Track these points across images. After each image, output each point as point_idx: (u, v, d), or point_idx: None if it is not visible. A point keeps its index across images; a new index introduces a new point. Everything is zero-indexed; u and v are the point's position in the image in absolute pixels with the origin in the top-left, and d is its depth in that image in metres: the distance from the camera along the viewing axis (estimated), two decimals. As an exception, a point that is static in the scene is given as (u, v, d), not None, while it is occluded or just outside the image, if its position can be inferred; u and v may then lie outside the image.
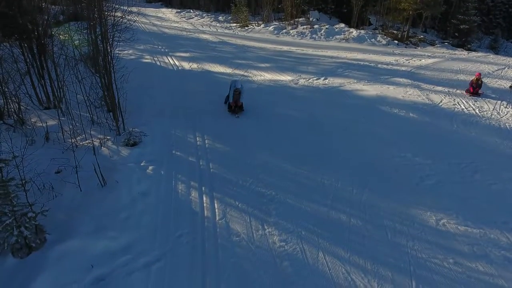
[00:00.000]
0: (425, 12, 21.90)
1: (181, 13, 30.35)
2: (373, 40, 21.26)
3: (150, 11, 32.69)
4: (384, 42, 21.09)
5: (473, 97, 10.18)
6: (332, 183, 6.35)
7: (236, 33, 23.03)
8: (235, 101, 8.64)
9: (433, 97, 10.06)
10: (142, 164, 6.58)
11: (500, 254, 4.88)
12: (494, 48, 27.28)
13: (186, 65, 13.63)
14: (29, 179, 4.73)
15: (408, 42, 21.71)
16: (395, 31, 23.04)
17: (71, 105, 8.38)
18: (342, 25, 23.71)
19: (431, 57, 16.83)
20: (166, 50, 16.17)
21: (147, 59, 14.34)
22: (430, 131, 8.20)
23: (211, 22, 27.17)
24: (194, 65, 13.61)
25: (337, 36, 21.91)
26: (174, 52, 15.78)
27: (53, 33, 10.34)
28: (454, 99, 9.95)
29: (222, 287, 4.38)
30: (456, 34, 23.02)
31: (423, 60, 15.69)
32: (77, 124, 7.64)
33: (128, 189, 5.81)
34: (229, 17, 27.55)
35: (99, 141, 7.02)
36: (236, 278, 4.50)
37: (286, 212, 5.62)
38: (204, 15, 29.29)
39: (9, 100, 7.87)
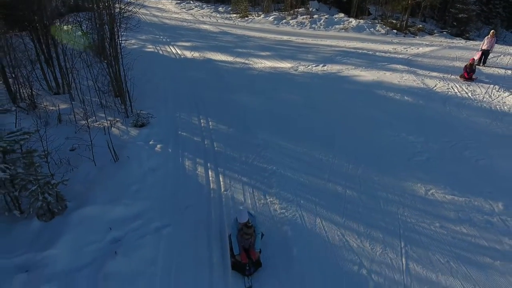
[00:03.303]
0: (424, 1, 22.13)
1: (181, 4, 30.54)
2: (372, 29, 21.53)
3: (150, 2, 32.79)
4: (383, 31, 21.36)
5: (467, 82, 10.56)
6: (329, 159, 6.79)
7: (236, 23, 23.28)
8: (245, 249, 4.48)
9: (428, 82, 10.45)
10: (150, 142, 7.03)
11: (483, 218, 5.33)
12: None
13: (188, 54, 13.99)
14: (50, 151, 5.16)
15: (407, 32, 21.96)
16: (394, 21, 23.27)
17: (80, 90, 8.77)
18: (342, 15, 23.94)
19: (428, 45, 17.12)
20: (168, 40, 16.50)
21: (150, 48, 14.68)
22: (424, 113, 8.61)
23: (211, 13, 27.39)
24: (196, 54, 13.97)
25: (337, 26, 22.16)
26: (176, 41, 16.12)
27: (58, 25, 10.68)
28: (448, 84, 10.34)
29: (227, 251, 4.83)
30: (455, 23, 23.27)
31: (421, 49, 16.00)
32: (87, 107, 8.05)
33: (138, 164, 6.26)
34: (229, 8, 27.74)
35: (109, 122, 7.45)
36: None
37: (286, 184, 6.07)
38: (204, 6, 29.49)
39: (22, 85, 8.27)
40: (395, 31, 21.60)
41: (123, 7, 8.15)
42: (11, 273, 4.03)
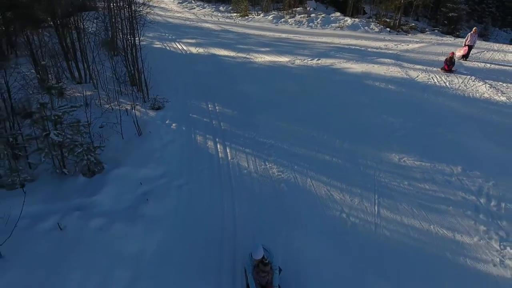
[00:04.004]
0: (416, 1, 23.41)
1: (183, 4, 31.77)
2: (366, 28, 22.79)
3: (153, 1, 34.02)
4: (376, 29, 22.62)
5: (447, 73, 11.80)
6: (319, 136, 8.03)
7: (237, 22, 24.53)
8: (262, 286, 4.35)
9: (411, 73, 11.71)
10: (166, 122, 8.27)
11: (444, 178, 6.58)
12: (484, 36, 28.82)
13: (194, 50, 15.23)
14: (91, 121, 6.40)
15: (400, 30, 23.24)
16: (388, 20, 24.53)
17: (101, 80, 10.00)
18: (338, 14, 25.21)
19: (418, 42, 18.40)
20: (173, 37, 17.73)
21: (158, 44, 15.91)
22: (404, 99, 9.86)
23: (213, 12, 28.63)
24: (201, 50, 15.21)
25: (333, 25, 23.41)
26: (181, 39, 17.35)
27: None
28: (429, 75, 11.59)
29: (235, 200, 6.07)
30: (446, 22, 24.55)
31: (410, 45, 17.26)
32: (109, 94, 9.28)
33: (158, 138, 7.50)
34: (230, 7, 28.98)
35: (130, 105, 8.67)
36: (245, 194, 6.20)
37: (283, 154, 7.31)
38: (205, 5, 30.73)
39: (50, 76, 9.49)
40: (388, 29, 22.86)
41: (140, 7, 9.38)
42: (70, 211, 5.25)
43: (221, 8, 29.55)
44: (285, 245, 5.16)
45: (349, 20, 23.70)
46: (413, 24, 24.62)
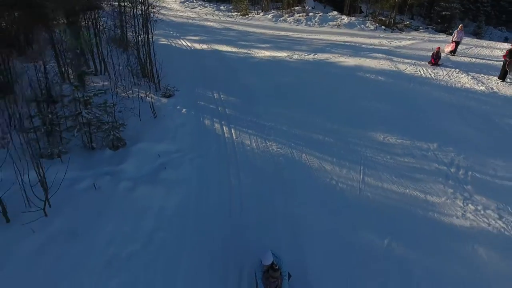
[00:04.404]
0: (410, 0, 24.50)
1: (185, 3, 32.82)
2: (362, 26, 23.88)
3: (154, 0, 35.08)
4: (372, 27, 23.71)
5: (433, 67, 12.85)
6: (314, 120, 9.05)
7: (238, 21, 25.60)
8: None
9: (400, 66, 12.75)
10: (177, 107, 9.30)
11: (421, 153, 7.61)
12: (477, 34, 29.89)
13: (198, 46, 16.27)
14: (116, 103, 7.42)
15: (395, 28, 24.34)
16: (383, 18, 25.63)
17: (115, 71, 11.01)
18: (335, 12, 26.30)
19: (411, 39, 19.48)
20: (178, 35, 18.76)
21: (163, 41, 16.93)
22: (392, 88, 10.90)
23: (214, 11, 29.70)
24: (204, 46, 16.25)
25: (330, 23, 24.51)
26: (185, 36, 18.39)
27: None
28: (417, 68, 12.64)
29: (240, 172, 7.08)
30: (439, 20, 25.61)
31: (403, 42, 18.33)
32: (123, 84, 10.29)
33: (171, 120, 8.53)
34: (230, 7, 30.05)
35: (144, 93, 9.69)
36: (248, 167, 7.20)
37: (281, 134, 8.33)
38: (206, 4, 31.79)
39: (68, 67, 10.51)
40: (383, 27, 23.96)
41: (154, 8, 10.43)
42: (101, 176, 6.27)
43: (221, 7, 30.61)
44: (283, 206, 6.17)
45: (346, 19, 24.78)
46: (407, 22, 25.72)
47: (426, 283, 4.74)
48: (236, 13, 28.17)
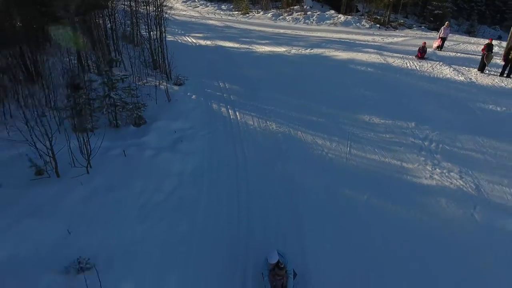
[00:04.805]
0: (403, -1, 25.81)
1: (187, 2, 34.08)
2: (358, 24, 25.15)
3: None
4: (367, 25, 24.99)
5: (419, 60, 14.14)
6: (309, 105, 10.33)
7: (239, 19, 26.89)
8: None
9: (389, 59, 14.05)
10: (188, 94, 10.58)
11: (400, 130, 8.90)
12: (470, 33, 31.20)
13: (202, 42, 17.55)
14: (137, 86, 8.69)
15: (389, 26, 25.60)
16: (378, 17, 26.91)
17: (130, 64, 12.29)
18: (332, 11, 27.57)
19: (403, 36, 20.76)
20: (183, 32, 20.04)
21: (170, 38, 18.08)
22: (380, 78, 12.19)
23: (215, 10, 30.97)
24: (208, 42, 17.53)
25: (327, 21, 25.78)
26: (190, 33, 19.67)
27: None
28: (404, 61, 13.93)
29: (244, 144, 8.35)
30: (432, 18, 26.93)
31: (395, 39, 19.62)
32: (137, 75, 11.56)
33: (183, 104, 9.81)
34: (231, 6, 31.32)
35: (157, 82, 10.95)
36: (251, 141, 8.48)
37: (280, 116, 9.61)
38: (208, 4, 33.06)
39: (88, 59, 11.77)
40: (378, 25, 25.21)
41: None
42: (128, 146, 7.52)
43: (223, 6, 31.87)
44: (281, 169, 7.45)
45: (342, 17, 26.06)
46: (401, 21, 27.01)
47: (397, 226, 5.99)
48: (237, 12, 29.45)
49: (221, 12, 29.84)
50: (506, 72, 12.63)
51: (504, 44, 16.81)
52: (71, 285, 4.45)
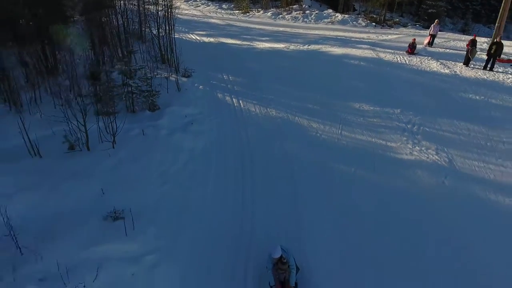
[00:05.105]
0: (397, -2, 26.95)
1: (189, 2, 35.19)
2: (354, 22, 26.30)
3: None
4: (363, 24, 26.13)
5: (409, 55, 15.27)
6: (306, 95, 11.44)
7: (239, 18, 28.01)
8: (281, 281, 5.06)
9: (381, 54, 15.18)
10: (195, 85, 11.71)
11: (387, 115, 10.02)
12: (464, 31, 32.34)
13: (205, 39, 18.68)
14: (152, 76, 9.81)
15: (384, 24, 26.75)
16: (374, 15, 28.06)
17: (140, 58, 13.40)
18: (330, 10, 28.72)
19: (397, 34, 21.87)
20: (186, 30, 21.13)
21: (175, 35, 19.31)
22: (371, 71, 13.31)
23: (216, 9, 32.10)
24: (211, 39, 18.66)
25: (325, 20, 26.91)
26: (193, 31, 20.78)
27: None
28: (395, 56, 15.06)
29: (247, 127, 9.46)
30: (426, 17, 28.07)
31: (389, 36, 20.74)
32: (149, 68, 12.67)
33: (192, 93, 10.94)
34: (232, 5, 32.45)
35: (167, 74, 12.06)
36: (253, 125, 9.60)
37: (279, 104, 10.73)
38: (209, 3, 34.18)
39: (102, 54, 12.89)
40: (374, 24, 26.35)
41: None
42: (146, 127, 8.64)
43: (224, 5, 33.00)
44: (280, 147, 8.57)
45: (339, 16, 27.20)
46: (397, 19, 28.16)
47: (379, 192, 7.10)
48: (237, 11, 30.57)
49: (222, 11, 30.97)
50: (489, 65, 13.76)
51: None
52: (110, 228, 5.56)
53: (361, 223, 6.31)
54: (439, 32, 18.64)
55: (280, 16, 28.00)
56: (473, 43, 14.15)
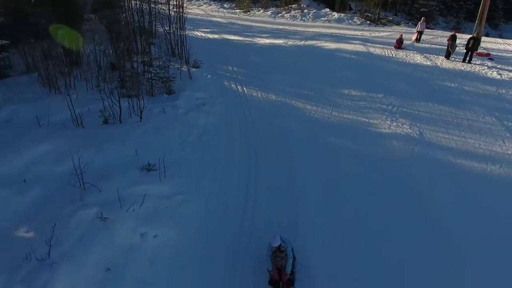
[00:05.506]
0: (391, -2, 28.71)
1: (191, 1, 36.94)
2: (350, 21, 28.05)
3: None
4: (358, 22, 27.88)
5: (397, 49, 16.98)
6: (302, 82, 13.15)
7: (240, 17, 29.77)
8: (278, 268, 5.48)
9: (371, 49, 16.91)
10: (204, 74, 13.42)
11: (371, 99, 11.73)
12: (457, 29, 34.11)
13: (210, 36, 20.40)
14: (168, 65, 11.53)
15: (378, 23, 28.51)
16: (369, 14, 29.82)
17: (154, 51, 15.10)
18: (327, 9, 30.47)
19: (389, 31, 23.63)
20: (191, 27, 22.77)
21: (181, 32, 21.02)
22: (360, 63, 15.05)
23: (218, 8, 33.85)
24: (216, 36, 20.39)
25: (322, 18, 28.65)
26: (198, 28, 22.49)
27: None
28: (383, 50, 16.79)
29: (250, 109, 11.16)
30: (418, 16, 29.80)
31: (382, 33, 22.49)
32: (162, 59, 14.38)
33: (202, 81, 12.66)
34: (233, 5, 34.20)
35: (179, 65, 13.77)
36: (256, 107, 11.30)
37: (278, 90, 12.44)
38: (211, 3, 35.92)
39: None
40: (368, 22, 28.11)
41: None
42: (165, 106, 10.33)
43: (225, 5, 34.76)
44: (278, 123, 10.27)
45: (336, 15, 28.95)
46: (391, 18, 29.93)
47: (361, 156, 8.80)
48: (238, 10, 32.31)
49: (224, 10, 32.72)
50: (467, 58, 15.49)
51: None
52: (146, 176, 7.24)
53: (344, 180, 7.96)
54: (426, 29, 20.43)
55: (280, 15, 29.73)
56: (453, 38, 15.89)
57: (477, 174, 8.13)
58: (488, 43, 20.33)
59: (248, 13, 31.12)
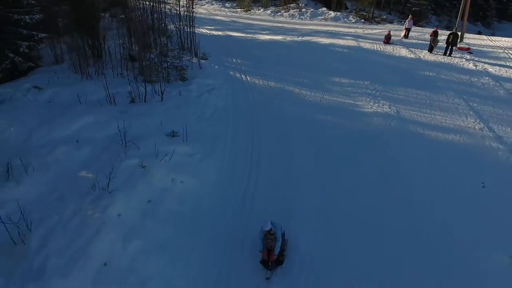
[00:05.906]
0: (385, -3, 30.70)
1: (195, 1, 38.91)
2: (345, 19, 30.04)
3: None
4: (353, 20, 29.87)
5: (385, 45, 18.94)
6: (298, 72, 15.11)
7: (242, 15, 31.76)
8: (268, 249, 6.19)
9: (361, 44, 18.89)
10: (212, 65, 15.38)
11: (358, 85, 13.69)
12: (449, 28, 36.10)
13: (214, 32, 22.37)
14: (182, 55, 13.47)
15: (373, 21, 30.52)
16: (364, 13, 31.83)
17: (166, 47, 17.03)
18: (324, 8, 32.48)
19: (382, 29, 25.60)
20: (197, 25, 24.55)
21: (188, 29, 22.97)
22: (351, 56, 17.01)
23: (220, 8, 35.85)
24: (220, 32, 22.36)
25: (319, 17, 30.66)
26: (203, 26, 24.42)
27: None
28: (373, 45, 18.76)
29: (254, 93, 13.09)
30: (411, 15, 31.81)
31: (374, 30, 24.48)
32: (176, 53, 16.32)
33: (210, 70, 14.61)
34: (234, 4, 36.20)
35: (189, 58, 15.71)
36: (257, 92, 13.25)
37: (277, 78, 14.39)
38: (213, 2, 37.91)
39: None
40: (363, 20, 30.12)
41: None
42: (181, 90, 12.25)
43: (227, 4, 36.75)
44: (277, 105, 12.20)
45: (332, 14, 30.96)
46: (384, 16, 31.94)
47: (346, 129, 10.75)
48: (239, 10, 34.31)
49: (226, 9, 34.72)
50: (448, 52, 17.47)
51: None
52: (172, 139, 9.16)
53: (331, 148, 9.88)
54: (415, 27, 22.43)
55: (279, 13, 31.74)
56: (435, 34, 17.87)
57: (440, 142, 10.07)
58: (472, 39, 22.32)
59: (249, 12, 33.11)
